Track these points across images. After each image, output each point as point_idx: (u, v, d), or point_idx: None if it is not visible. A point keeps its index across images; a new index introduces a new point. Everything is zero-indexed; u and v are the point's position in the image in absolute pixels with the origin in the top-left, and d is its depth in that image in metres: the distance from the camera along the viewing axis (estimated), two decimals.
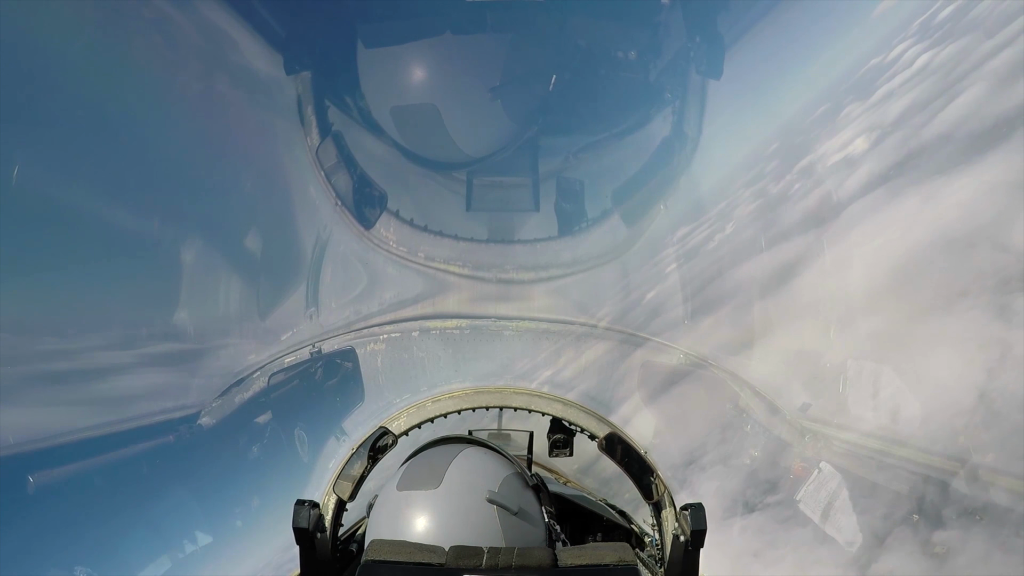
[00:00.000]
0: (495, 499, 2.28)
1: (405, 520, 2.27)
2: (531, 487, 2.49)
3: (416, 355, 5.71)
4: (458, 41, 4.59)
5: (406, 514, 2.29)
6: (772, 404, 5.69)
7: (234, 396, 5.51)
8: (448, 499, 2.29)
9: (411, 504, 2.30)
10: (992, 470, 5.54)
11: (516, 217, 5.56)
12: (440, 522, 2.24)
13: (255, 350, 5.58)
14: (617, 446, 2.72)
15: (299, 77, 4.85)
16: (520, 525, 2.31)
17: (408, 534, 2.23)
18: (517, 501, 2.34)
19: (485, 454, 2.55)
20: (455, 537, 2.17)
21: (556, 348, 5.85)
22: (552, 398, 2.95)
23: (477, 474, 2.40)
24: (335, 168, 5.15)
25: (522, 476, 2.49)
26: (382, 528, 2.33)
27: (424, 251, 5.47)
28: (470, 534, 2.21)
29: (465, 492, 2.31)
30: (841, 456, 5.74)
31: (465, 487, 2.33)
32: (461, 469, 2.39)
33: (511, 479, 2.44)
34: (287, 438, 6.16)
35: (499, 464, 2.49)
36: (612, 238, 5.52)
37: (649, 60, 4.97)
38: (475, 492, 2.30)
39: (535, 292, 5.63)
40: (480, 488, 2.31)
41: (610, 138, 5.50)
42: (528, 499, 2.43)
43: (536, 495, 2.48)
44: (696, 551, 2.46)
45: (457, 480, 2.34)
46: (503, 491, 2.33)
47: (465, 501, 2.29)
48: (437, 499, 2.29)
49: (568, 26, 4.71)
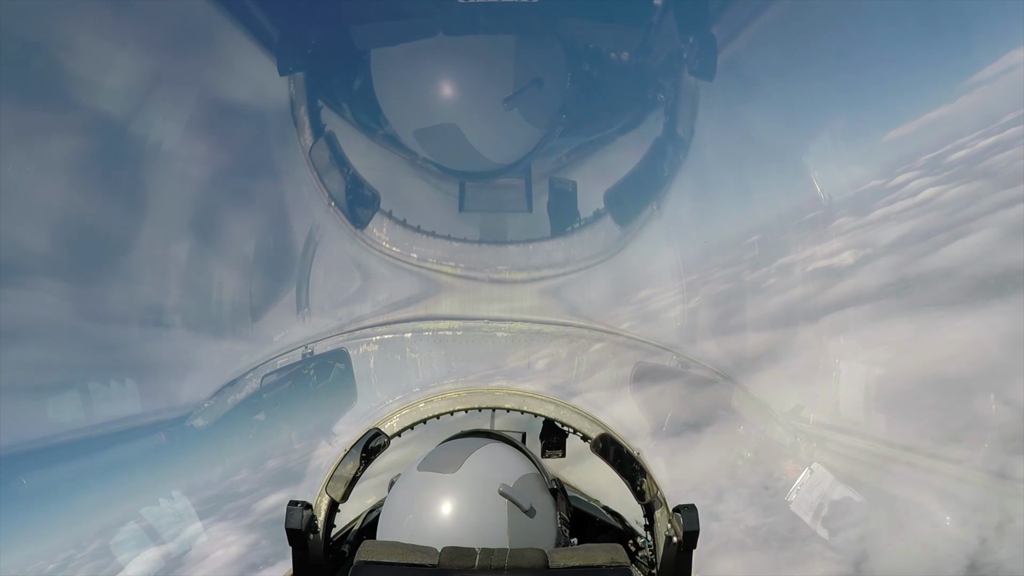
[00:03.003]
0: (507, 492, 2.30)
1: (419, 500, 2.33)
2: (549, 491, 2.50)
3: (408, 356, 5.70)
4: (451, 42, 4.58)
5: (421, 494, 2.34)
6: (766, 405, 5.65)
7: (227, 397, 5.50)
8: (462, 485, 2.33)
9: (427, 485, 2.36)
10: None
11: (509, 218, 5.57)
12: (451, 506, 2.27)
13: (247, 351, 5.57)
14: (610, 447, 2.72)
15: (292, 78, 4.85)
16: (529, 523, 2.32)
17: (420, 513, 2.28)
18: (530, 500, 2.35)
19: (509, 451, 2.57)
20: (463, 523, 2.23)
21: (550, 349, 5.85)
22: (545, 399, 2.95)
23: (495, 467, 2.43)
24: (328, 168, 5.15)
25: (542, 479, 2.51)
26: (396, 505, 2.40)
27: (417, 251, 5.47)
28: (477, 520, 2.25)
29: (479, 481, 2.34)
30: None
31: (480, 477, 2.36)
32: (481, 459, 2.44)
33: (529, 478, 2.45)
34: (279, 439, 6.15)
35: (520, 463, 2.52)
36: (604, 238, 5.52)
37: (641, 61, 4.98)
38: (489, 483, 2.33)
39: (527, 292, 5.63)
40: (495, 480, 2.34)
41: (603, 139, 5.52)
42: (543, 501, 2.44)
43: (554, 499, 2.49)
44: (689, 552, 2.46)
45: (474, 469, 2.39)
46: (518, 488, 2.35)
47: (478, 490, 2.32)
48: (452, 483, 2.33)
49: (560, 27, 4.72)
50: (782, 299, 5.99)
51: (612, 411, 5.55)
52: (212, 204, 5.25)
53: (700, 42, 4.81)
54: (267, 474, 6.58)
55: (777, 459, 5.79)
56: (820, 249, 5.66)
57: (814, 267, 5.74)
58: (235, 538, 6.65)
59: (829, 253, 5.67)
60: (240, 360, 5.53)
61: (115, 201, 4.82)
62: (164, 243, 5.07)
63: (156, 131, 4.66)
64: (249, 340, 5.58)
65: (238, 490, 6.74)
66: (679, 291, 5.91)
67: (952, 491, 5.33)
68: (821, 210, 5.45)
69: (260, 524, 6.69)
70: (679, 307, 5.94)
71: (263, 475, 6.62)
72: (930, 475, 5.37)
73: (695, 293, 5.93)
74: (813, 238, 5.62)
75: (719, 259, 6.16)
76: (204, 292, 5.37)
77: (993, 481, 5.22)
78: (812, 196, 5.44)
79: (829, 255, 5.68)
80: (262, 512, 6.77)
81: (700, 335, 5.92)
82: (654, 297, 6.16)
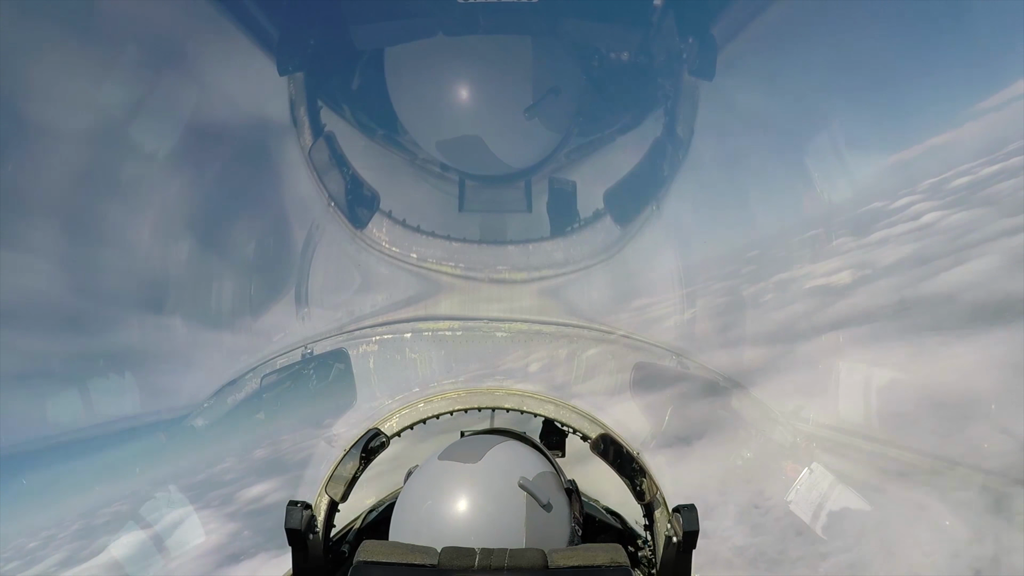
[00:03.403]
0: (526, 485, 2.32)
1: (438, 487, 2.35)
2: (565, 490, 2.52)
3: (408, 356, 5.70)
4: (450, 43, 4.58)
5: (441, 482, 2.36)
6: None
7: (226, 397, 5.50)
8: (482, 475, 2.35)
9: (448, 473, 2.38)
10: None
11: (508, 218, 5.56)
12: (470, 495, 2.29)
13: (247, 351, 5.57)
14: (609, 447, 2.73)
15: (292, 78, 4.84)
16: (545, 518, 2.34)
17: (438, 499, 2.30)
18: (547, 496, 2.37)
19: (529, 449, 2.59)
20: (481, 512, 2.25)
21: (549, 350, 5.85)
22: (544, 399, 2.95)
23: (516, 461, 2.46)
24: (327, 168, 5.15)
25: (558, 478, 2.53)
26: (415, 492, 2.41)
27: (417, 251, 5.47)
28: (495, 511, 2.27)
29: (500, 473, 2.37)
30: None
31: (501, 469, 2.39)
32: (502, 453, 2.47)
33: (547, 476, 2.48)
34: (279, 439, 6.15)
35: (539, 461, 2.54)
36: (604, 238, 5.52)
37: (641, 61, 4.98)
38: (509, 476, 2.36)
39: (527, 292, 5.63)
40: (515, 474, 2.36)
41: (603, 139, 5.51)
42: (559, 500, 2.45)
43: (568, 499, 2.51)
44: (688, 552, 2.47)
45: (495, 461, 2.42)
46: (536, 483, 2.37)
47: (498, 481, 2.34)
48: (472, 473, 2.35)
49: (560, 27, 4.72)
50: (780, 315, 5.99)
51: (611, 412, 5.56)
52: (211, 204, 5.25)
53: (700, 42, 4.81)
54: (252, 463, 6.61)
55: (769, 476, 5.77)
56: (819, 267, 5.63)
57: (812, 285, 5.71)
58: (216, 526, 6.67)
59: (827, 271, 5.64)
60: (240, 360, 5.54)
61: (114, 201, 4.83)
62: (163, 243, 5.07)
63: (155, 131, 4.67)
64: (249, 340, 5.58)
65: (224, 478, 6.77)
66: (674, 302, 5.88)
67: (946, 521, 5.25)
68: (821, 228, 5.42)
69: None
70: (674, 318, 5.93)
71: (247, 464, 6.64)
72: (926, 501, 5.30)
73: (692, 305, 5.91)
74: (812, 255, 5.59)
75: (717, 271, 6.14)
76: (204, 292, 5.38)
77: (989, 512, 5.15)
78: (813, 205, 5.43)
79: (827, 273, 5.65)
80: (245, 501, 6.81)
81: (698, 346, 5.90)
82: (651, 307, 6.14)
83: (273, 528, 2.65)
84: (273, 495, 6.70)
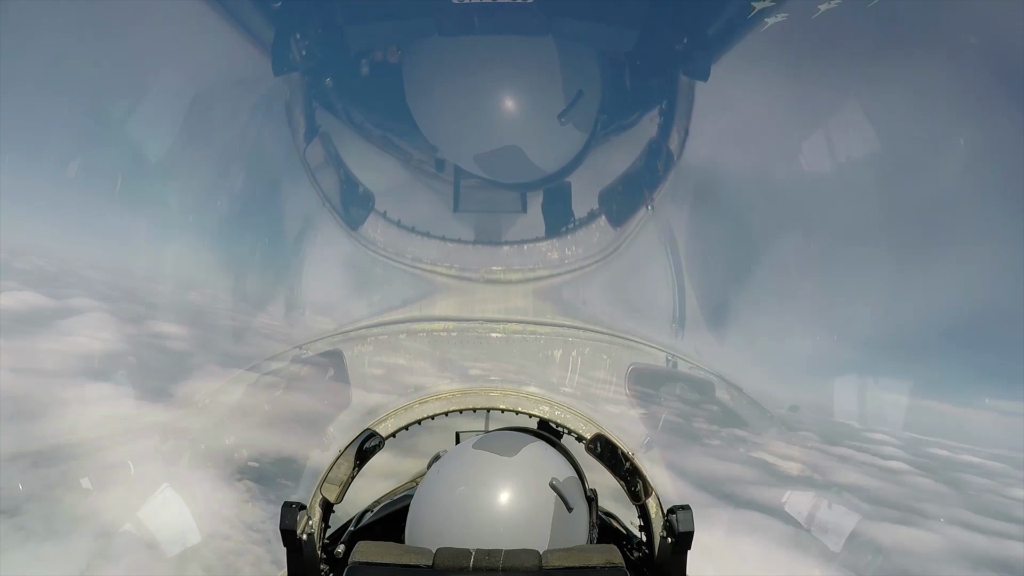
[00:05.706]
0: (557, 486, 2.35)
1: (474, 474, 2.38)
2: (586, 497, 2.54)
3: (403, 357, 5.70)
4: (445, 43, 4.58)
5: (475, 468, 2.39)
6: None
7: (219, 398, 5.48)
8: (518, 469, 2.39)
9: (483, 462, 2.41)
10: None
11: (503, 218, 5.56)
12: (505, 486, 2.32)
13: (241, 352, 5.56)
14: (604, 447, 2.73)
15: (287, 78, 4.84)
16: (569, 519, 2.37)
17: (474, 485, 2.33)
18: (575, 500, 2.41)
19: (558, 453, 2.63)
20: (513, 505, 2.28)
21: (543, 350, 5.85)
22: (539, 399, 2.95)
23: (549, 462, 2.49)
24: (322, 169, 5.14)
25: (581, 484, 2.56)
26: (447, 475, 2.43)
27: (411, 252, 5.46)
28: (527, 506, 2.30)
29: (535, 471, 2.40)
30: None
31: (536, 466, 2.42)
32: (536, 452, 2.50)
33: (574, 481, 2.51)
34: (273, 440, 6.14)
35: (566, 466, 2.57)
36: (599, 239, 5.52)
37: (636, 61, 4.98)
38: (542, 474, 2.39)
39: (521, 293, 5.63)
40: (548, 473, 2.40)
41: (597, 139, 5.51)
42: (582, 506, 2.48)
43: (589, 505, 2.53)
44: (683, 553, 2.48)
45: (531, 457, 2.46)
46: (567, 486, 2.40)
47: (532, 478, 2.37)
48: (509, 466, 2.39)
49: (555, 27, 4.72)
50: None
51: (606, 412, 5.57)
52: (206, 205, 5.24)
53: (695, 43, 4.81)
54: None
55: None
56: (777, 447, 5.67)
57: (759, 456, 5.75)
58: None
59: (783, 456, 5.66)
60: (233, 361, 5.52)
61: (110, 201, 4.81)
62: (158, 244, 5.06)
63: (150, 131, 4.65)
64: (243, 341, 5.57)
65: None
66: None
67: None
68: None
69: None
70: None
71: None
72: None
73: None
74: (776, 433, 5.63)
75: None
76: (197, 293, 5.36)
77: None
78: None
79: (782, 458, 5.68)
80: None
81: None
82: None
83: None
84: (268, 495, 6.71)
